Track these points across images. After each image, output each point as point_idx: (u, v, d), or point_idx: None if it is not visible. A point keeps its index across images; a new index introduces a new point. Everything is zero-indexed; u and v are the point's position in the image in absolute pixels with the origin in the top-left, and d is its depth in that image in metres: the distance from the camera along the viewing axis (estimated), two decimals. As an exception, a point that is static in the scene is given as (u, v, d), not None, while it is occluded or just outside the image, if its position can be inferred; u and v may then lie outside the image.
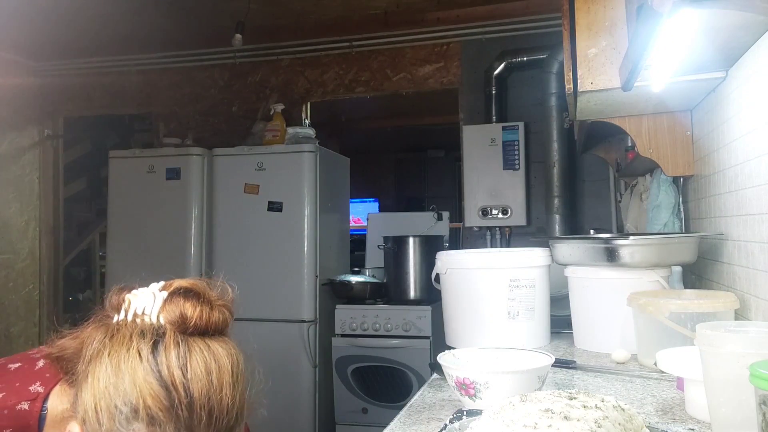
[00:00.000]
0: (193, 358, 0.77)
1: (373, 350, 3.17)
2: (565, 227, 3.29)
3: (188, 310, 0.80)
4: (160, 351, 0.76)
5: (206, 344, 0.80)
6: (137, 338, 0.77)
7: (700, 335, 0.85)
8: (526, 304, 1.61)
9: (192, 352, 0.78)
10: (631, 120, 1.87)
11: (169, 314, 0.79)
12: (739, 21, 1.10)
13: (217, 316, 0.84)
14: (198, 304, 0.82)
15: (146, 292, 0.83)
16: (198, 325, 0.80)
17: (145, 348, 0.76)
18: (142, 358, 0.75)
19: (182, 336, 0.78)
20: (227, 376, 0.80)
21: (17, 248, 4.27)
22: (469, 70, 3.71)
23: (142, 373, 0.74)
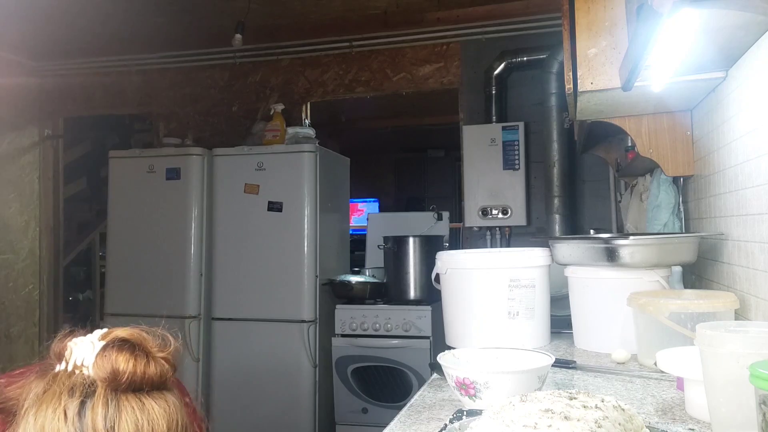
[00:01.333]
0: (122, 419, 0.72)
1: (373, 350, 3.17)
2: (565, 227, 3.29)
3: (121, 364, 0.75)
4: (86, 412, 0.72)
5: (140, 402, 0.75)
6: (66, 397, 0.73)
7: (700, 335, 0.85)
8: (526, 304, 1.61)
9: (122, 412, 0.73)
10: (631, 120, 1.87)
11: (100, 370, 0.75)
12: (739, 21, 1.10)
13: (153, 370, 0.77)
14: (132, 357, 0.76)
15: (86, 341, 0.78)
16: (132, 380, 0.75)
17: (72, 408, 0.72)
18: (68, 419, 0.71)
19: (113, 393, 0.74)
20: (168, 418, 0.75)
21: (17, 248, 4.27)
22: (469, 70, 3.71)
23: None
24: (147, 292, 3.37)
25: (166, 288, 3.36)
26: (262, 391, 3.18)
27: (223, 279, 3.35)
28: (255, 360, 3.21)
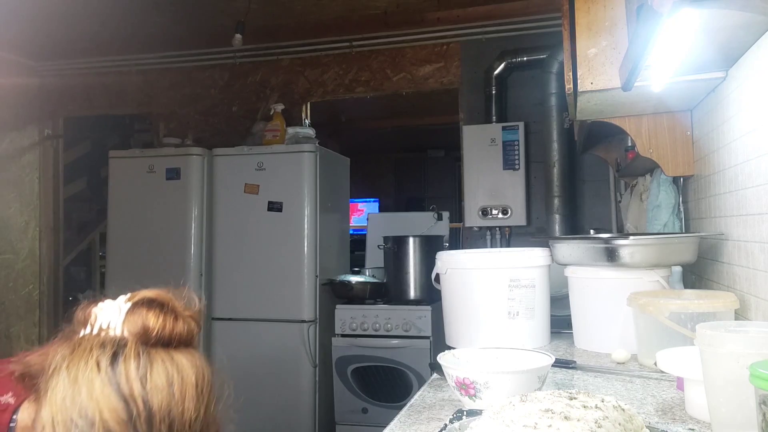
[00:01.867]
0: (154, 370, 0.75)
1: (373, 350, 3.17)
2: (565, 227, 3.29)
3: (150, 321, 0.78)
4: (119, 362, 0.73)
5: (170, 356, 0.77)
6: (97, 350, 0.74)
7: (700, 335, 0.85)
8: (526, 304, 1.61)
9: (153, 364, 0.75)
10: (631, 120, 1.87)
11: (131, 325, 0.77)
12: (739, 21, 1.10)
13: (181, 327, 0.80)
14: (161, 314, 0.79)
15: (112, 305, 0.80)
16: (161, 336, 0.78)
17: (104, 359, 0.73)
18: (101, 369, 0.73)
19: (144, 347, 0.76)
20: (191, 388, 0.77)
21: (17, 248, 4.27)
22: (469, 70, 3.71)
23: (99, 384, 0.72)
24: (147, 292, 3.37)
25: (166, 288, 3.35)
26: (262, 391, 3.18)
27: (223, 279, 3.35)
28: (255, 360, 3.21)
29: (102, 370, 0.73)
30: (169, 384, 0.75)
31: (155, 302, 0.81)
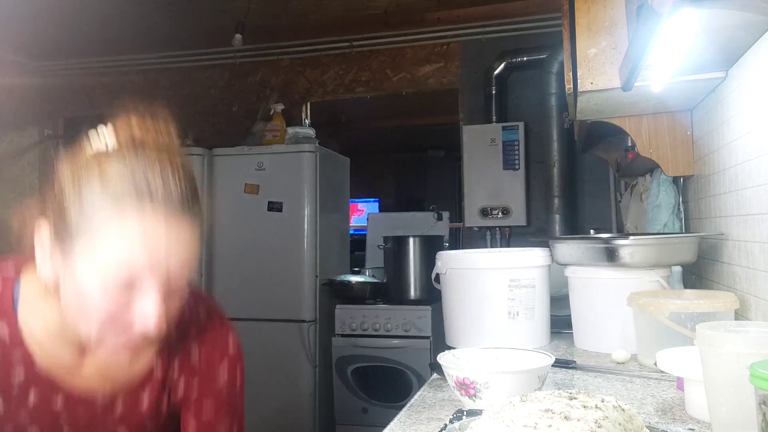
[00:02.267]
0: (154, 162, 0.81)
1: (373, 350, 3.17)
2: (565, 227, 3.29)
3: (136, 130, 0.85)
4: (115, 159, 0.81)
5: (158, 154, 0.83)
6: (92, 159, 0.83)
7: (700, 335, 0.85)
8: (526, 304, 1.61)
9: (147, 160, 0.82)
10: (631, 120, 1.87)
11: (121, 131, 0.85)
12: (739, 21, 1.10)
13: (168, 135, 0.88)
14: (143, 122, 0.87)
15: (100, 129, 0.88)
16: (147, 140, 0.84)
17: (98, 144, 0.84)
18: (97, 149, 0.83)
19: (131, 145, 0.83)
20: (179, 157, 0.85)
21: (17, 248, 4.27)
22: (469, 70, 3.71)
23: (94, 153, 0.82)
24: (147, 292, 3.37)
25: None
26: (261, 391, 3.18)
27: (223, 279, 3.35)
28: (255, 360, 3.20)
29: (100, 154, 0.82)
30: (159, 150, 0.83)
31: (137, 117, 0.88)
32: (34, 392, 0.90)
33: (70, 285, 0.80)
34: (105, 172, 0.78)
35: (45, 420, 0.91)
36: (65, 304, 0.82)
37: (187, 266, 0.84)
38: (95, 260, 0.77)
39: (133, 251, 0.77)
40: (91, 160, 0.81)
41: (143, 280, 0.78)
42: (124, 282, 0.77)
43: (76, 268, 0.78)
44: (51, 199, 0.82)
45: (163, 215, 0.79)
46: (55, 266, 0.81)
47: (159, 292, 0.79)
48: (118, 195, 0.77)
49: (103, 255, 0.76)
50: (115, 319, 0.79)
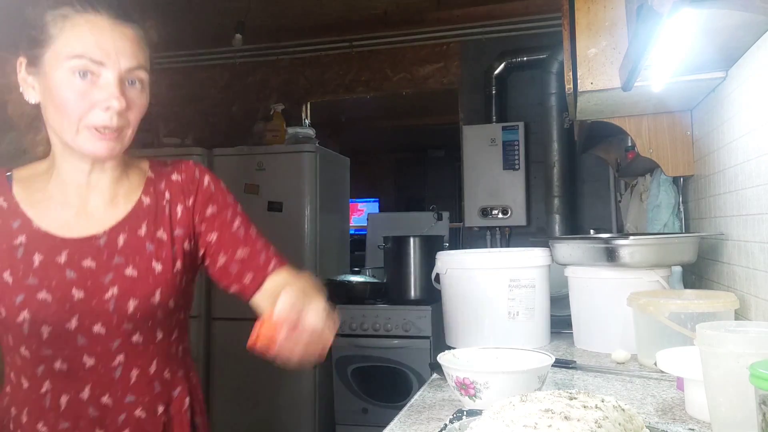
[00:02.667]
0: None
1: (373, 350, 3.17)
2: (565, 227, 3.29)
3: None
4: None
5: None
6: None
7: (700, 335, 0.85)
8: (526, 304, 1.61)
9: None
10: (631, 120, 1.87)
11: None
12: (739, 21, 1.10)
13: None
14: None
15: None
16: None
17: None
18: None
19: None
20: None
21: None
22: (469, 70, 3.71)
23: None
24: (147, 292, 3.37)
25: None
26: (262, 391, 3.18)
27: None
28: (255, 360, 3.20)
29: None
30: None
31: None
32: (37, 254, 0.98)
33: (48, 96, 0.97)
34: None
35: (52, 280, 0.97)
36: (49, 119, 1.00)
37: (138, 71, 1.01)
38: (59, 60, 0.94)
39: (89, 47, 0.94)
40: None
41: (101, 70, 0.95)
42: (85, 75, 0.94)
43: (47, 76, 0.96)
44: (22, 37, 1.00)
45: (108, 21, 0.97)
46: (35, 90, 0.99)
47: (115, 78, 0.96)
48: (68, 10, 0.96)
49: (63, 54, 0.94)
50: (85, 107, 0.95)
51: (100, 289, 0.98)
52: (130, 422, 1.02)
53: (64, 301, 0.97)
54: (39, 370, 0.98)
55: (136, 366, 1.02)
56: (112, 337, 0.99)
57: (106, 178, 1.04)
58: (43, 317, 0.96)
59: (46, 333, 0.97)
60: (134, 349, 1.01)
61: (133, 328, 1.00)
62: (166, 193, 1.08)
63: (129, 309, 0.99)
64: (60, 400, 0.98)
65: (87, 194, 1.03)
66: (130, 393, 1.01)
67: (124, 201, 1.06)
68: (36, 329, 0.96)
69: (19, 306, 0.96)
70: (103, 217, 1.03)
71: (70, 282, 0.98)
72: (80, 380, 0.99)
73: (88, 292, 0.98)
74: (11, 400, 1.01)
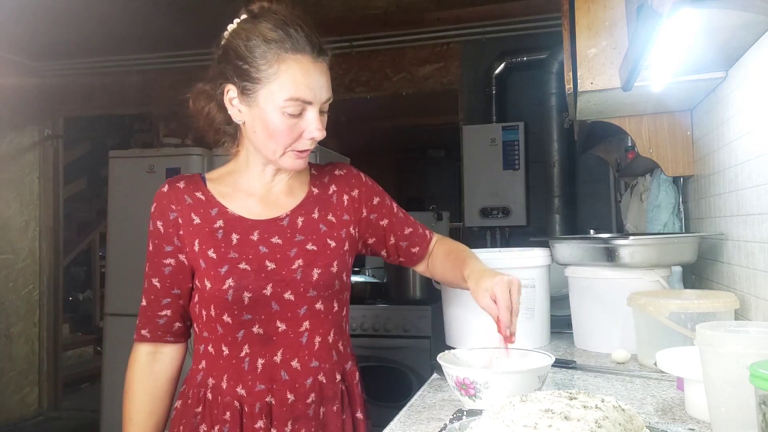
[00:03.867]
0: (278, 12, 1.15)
1: (373, 350, 3.17)
2: (564, 227, 3.29)
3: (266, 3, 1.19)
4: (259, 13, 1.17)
5: None
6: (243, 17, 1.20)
7: (700, 335, 0.85)
8: (526, 304, 1.61)
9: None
10: (631, 120, 1.87)
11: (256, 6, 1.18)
12: (739, 21, 1.10)
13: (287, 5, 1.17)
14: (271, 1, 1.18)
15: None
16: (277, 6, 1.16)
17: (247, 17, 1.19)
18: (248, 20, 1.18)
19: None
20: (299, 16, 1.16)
21: (17, 248, 4.27)
22: (469, 70, 3.71)
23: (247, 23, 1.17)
24: (147, 292, 3.37)
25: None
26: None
27: None
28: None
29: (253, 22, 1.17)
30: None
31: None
32: (234, 234, 1.16)
33: (259, 124, 1.11)
34: (264, 35, 1.09)
35: (249, 253, 1.15)
36: (254, 140, 1.14)
37: (331, 97, 1.14)
38: (274, 100, 1.08)
39: (302, 88, 1.09)
40: (247, 27, 1.13)
41: (307, 107, 1.10)
42: (295, 112, 1.09)
43: (258, 111, 1.10)
44: (226, 66, 1.15)
45: (311, 61, 1.10)
46: (244, 113, 1.13)
47: (318, 113, 1.12)
48: (280, 52, 1.08)
49: (279, 95, 1.08)
50: (291, 136, 1.11)
51: (288, 260, 1.15)
52: (315, 387, 1.16)
53: (260, 271, 1.13)
54: (239, 335, 1.13)
55: (318, 333, 1.17)
56: (300, 303, 1.15)
57: (285, 175, 1.23)
58: (245, 284, 1.12)
59: (246, 299, 1.12)
60: (317, 317, 1.17)
61: (316, 296, 1.16)
62: (332, 186, 1.28)
63: (313, 276, 1.16)
64: (257, 363, 1.13)
65: (270, 187, 1.22)
66: (314, 358, 1.16)
67: (299, 191, 1.25)
68: (239, 295, 1.12)
69: (225, 275, 1.12)
70: (284, 204, 1.22)
71: (264, 255, 1.15)
72: (274, 344, 1.14)
73: (278, 264, 1.15)
74: (208, 371, 1.16)
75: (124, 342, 1.29)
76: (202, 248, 1.15)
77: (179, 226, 1.17)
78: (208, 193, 1.21)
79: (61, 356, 4.64)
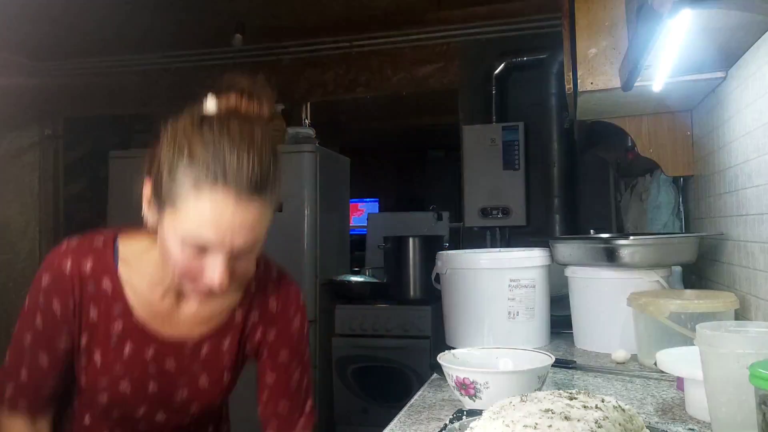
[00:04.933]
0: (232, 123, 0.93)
1: (373, 350, 3.17)
2: (565, 227, 3.29)
3: (234, 101, 1.01)
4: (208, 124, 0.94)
5: (249, 126, 0.96)
6: (198, 114, 0.97)
7: (700, 335, 0.85)
8: (526, 304, 1.61)
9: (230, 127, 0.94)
10: (631, 120, 1.87)
11: (221, 101, 1.00)
12: (739, 21, 1.10)
13: (264, 108, 1.03)
14: (244, 95, 1.02)
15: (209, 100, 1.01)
16: (245, 113, 0.99)
17: (197, 118, 0.95)
18: (194, 120, 0.95)
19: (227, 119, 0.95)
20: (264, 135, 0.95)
21: (17, 248, 4.27)
22: (469, 70, 3.71)
23: (190, 124, 0.94)
24: (147, 292, 3.36)
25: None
26: (262, 391, 3.18)
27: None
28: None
29: (195, 124, 0.93)
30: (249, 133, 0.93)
31: (240, 86, 1.03)
32: (129, 344, 1.03)
33: (161, 237, 0.95)
34: (192, 149, 0.90)
35: (135, 372, 1.03)
36: (160, 251, 0.97)
37: (254, 243, 0.95)
38: (175, 226, 0.91)
39: (204, 229, 0.88)
40: (186, 128, 0.94)
41: (211, 249, 0.90)
42: (195, 248, 0.90)
43: (163, 227, 0.93)
44: (154, 159, 0.96)
45: (234, 198, 0.88)
46: (153, 219, 0.97)
47: (224, 259, 0.91)
48: (199, 175, 0.88)
49: (180, 225, 0.90)
50: (189, 272, 0.93)
51: (174, 387, 1.06)
52: None
53: (139, 392, 1.04)
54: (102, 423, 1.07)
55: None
56: (169, 424, 1.09)
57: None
58: (118, 403, 1.04)
59: (115, 415, 1.06)
60: (188, 428, 1.13)
61: (189, 420, 1.11)
62: (256, 314, 1.11)
63: (192, 409, 1.09)
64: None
65: (188, 299, 1.06)
66: None
67: (219, 312, 1.08)
68: (108, 411, 1.05)
69: (102, 389, 1.03)
70: (194, 325, 1.07)
71: (150, 376, 1.04)
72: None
73: (161, 388, 1.05)
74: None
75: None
76: (90, 347, 1.02)
77: (76, 316, 1.02)
78: (117, 281, 1.02)
79: (61, 356, 4.63)
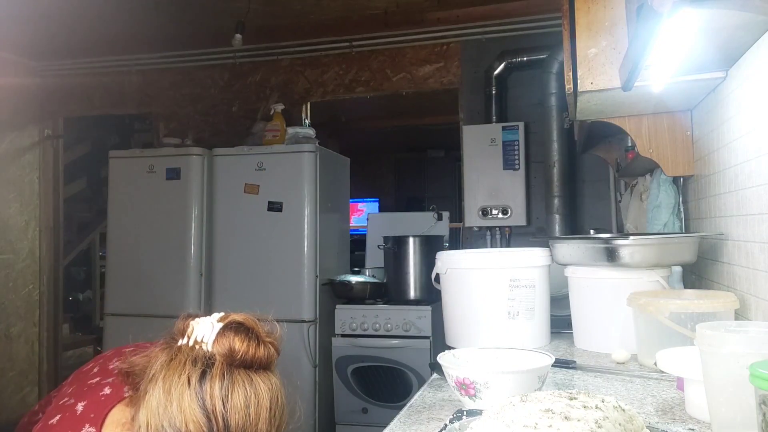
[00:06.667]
0: (235, 391, 0.85)
1: (373, 350, 3.17)
2: (565, 227, 3.29)
3: (237, 344, 0.88)
4: (206, 380, 0.84)
5: (249, 377, 0.87)
6: (190, 366, 0.85)
7: (700, 335, 0.85)
8: (526, 304, 1.61)
9: (235, 384, 0.85)
10: (631, 120, 1.87)
11: (220, 347, 0.88)
12: (739, 21, 1.10)
13: (263, 352, 0.91)
14: (246, 339, 0.90)
15: (206, 322, 0.92)
16: (244, 359, 0.88)
17: (195, 376, 0.84)
18: (191, 385, 0.84)
19: (228, 368, 0.86)
20: (265, 411, 0.87)
21: (17, 248, 4.27)
22: (469, 70, 3.71)
23: (188, 399, 0.83)
24: (147, 292, 3.37)
25: (166, 288, 3.35)
26: (262, 391, 3.18)
27: (223, 279, 3.35)
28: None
29: (192, 386, 0.83)
30: (247, 405, 0.85)
31: (242, 327, 0.92)
32: None
33: None
34: (182, 401, 0.83)
35: None
36: None
37: None
38: None
39: None
40: (182, 370, 0.85)
41: None
42: None
43: None
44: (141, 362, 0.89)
45: None
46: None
47: None
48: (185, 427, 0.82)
49: None
50: None
51: None
52: None
53: None
54: None
55: None
56: None
57: None
58: None
59: None
60: None
61: None
62: None
63: None
64: None
65: None
66: None
67: None
68: None
69: None
70: None
71: None
72: None
73: None
74: None
75: (123, 342, 1.28)
76: None
77: None
78: None
79: (61, 356, 4.63)
